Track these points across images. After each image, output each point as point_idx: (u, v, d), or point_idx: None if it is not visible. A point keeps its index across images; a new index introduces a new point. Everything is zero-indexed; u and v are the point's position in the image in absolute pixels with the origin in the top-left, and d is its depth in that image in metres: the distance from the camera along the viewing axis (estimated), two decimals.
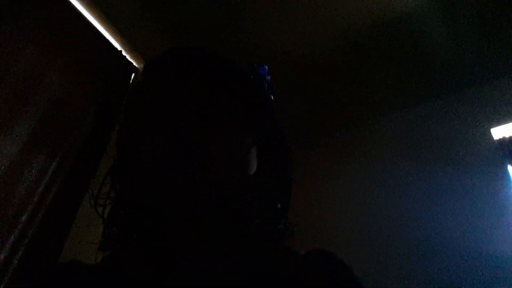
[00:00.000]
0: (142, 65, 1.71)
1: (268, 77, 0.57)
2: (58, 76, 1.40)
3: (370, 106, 2.29)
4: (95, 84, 1.51)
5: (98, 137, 1.46)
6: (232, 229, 0.47)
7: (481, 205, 1.77)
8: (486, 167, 1.87)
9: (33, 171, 1.31)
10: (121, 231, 0.50)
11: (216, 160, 0.42)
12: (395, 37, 1.79)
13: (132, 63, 1.68)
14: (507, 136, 1.88)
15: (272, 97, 0.57)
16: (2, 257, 1.17)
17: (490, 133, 1.95)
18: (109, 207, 0.52)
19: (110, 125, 1.50)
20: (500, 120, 1.95)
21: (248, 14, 1.65)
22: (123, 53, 1.64)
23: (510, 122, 1.92)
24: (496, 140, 1.91)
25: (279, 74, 1.90)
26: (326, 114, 2.36)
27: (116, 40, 1.67)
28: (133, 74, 1.68)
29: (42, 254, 1.28)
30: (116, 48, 1.61)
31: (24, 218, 1.26)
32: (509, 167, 1.81)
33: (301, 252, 0.50)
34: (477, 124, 2.00)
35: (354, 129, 2.45)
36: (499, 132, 1.93)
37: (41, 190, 1.32)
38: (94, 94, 1.50)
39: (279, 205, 0.52)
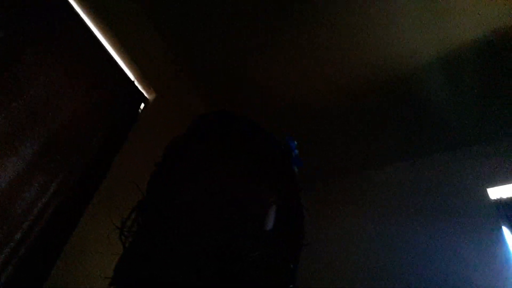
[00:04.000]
0: (152, 96, 1.78)
1: (296, 151, 0.64)
2: (70, 100, 1.46)
3: (370, 157, 2.33)
4: (105, 111, 1.56)
5: (101, 163, 1.49)
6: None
7: (475, 263, 1.75)
8: (482, 225, 1.87)
9: (32, 190, 1.33)
10: (136, 268, 0.49)
11: (244, 214, 0.46)
12: (397, 94, 1.87)
13: (143, 93, 1.74)
14: (504, 197, 1.90)
15: (297, 169, 0.63)
16: None
17: (487, 192, 1.96)
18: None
19: (114, 152, 1.54)
20: (497, 181, 1.97)
21: (257, 59, 1.73)
22: (136, 83, 1.71)
23: (506, 184, 1.94)
24: (493, 200, 1.93)
25: (283, 119, 1.99)
26: (325, 163, 2.39)
27: (130, 70, 1.74)
28: (142, 104, 1.74)
29: (30, 275, 1.27)
30: (129, 78, 1.68)
31: (18, 236, 1.27)
32: (503, 228, 1.81)
33: None
34: (474, 182, 2.02)
35: (351, 179, 2.48)
36: (496, 192, 1.95)
37: (38, 209, 1.33)
38: (103, 121, 1.55)
39: (292, 265, 0.53)
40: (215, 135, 0.52)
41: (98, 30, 1.61)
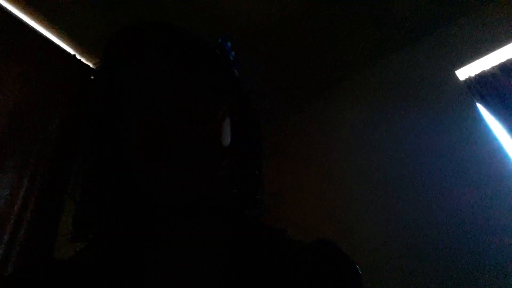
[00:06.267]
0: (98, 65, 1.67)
1: (233, 53, 0.58)
2: (15, 90, 1.37)
3: (338, 67, 2.29)
4: (54, 92, 1.48)
5: (67, 144, 1.44)
6: (213, 207, 0.46)
7: (459, 144, 1.83)
8: (457, 107, 1.90)
9: (5, 190, 1.29)
10: (93, 218, 0.46)
11: (196, 135, 0.41)
12: None
13: (89, 66, 1.65)
14: (472, 75, 1.91)
15: (237, 72, 0.57)
16: None
17: (455, 75, 1.97)
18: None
19: (77, 130, 1.48)
20: (463, 61, 1.97)
21: None
22: (77, 56, 1.61)
23: (472, 61, 1.94)
24: (462, 80, 1.94)
25: (240, 44, 1.89)
26: (296, 81, 2.36)
27: (69, 46, 1.64)
28: (92, 77, 1.65)
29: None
30: (69, 53, 1.58)
31: (6, 237, 1.25)
32: (478, 105, 1.85)
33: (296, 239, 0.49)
34: (442, 67, 2.02)
35: (326, 93, 2.48)
36: (464, 72, 1.96)
37: (19, 206, 1.30)
38: (55, 103, 1.47)
39: (257, 172, 0.52)
40: (140, 51, 0.44)
41: (20, 12, 1.48)
